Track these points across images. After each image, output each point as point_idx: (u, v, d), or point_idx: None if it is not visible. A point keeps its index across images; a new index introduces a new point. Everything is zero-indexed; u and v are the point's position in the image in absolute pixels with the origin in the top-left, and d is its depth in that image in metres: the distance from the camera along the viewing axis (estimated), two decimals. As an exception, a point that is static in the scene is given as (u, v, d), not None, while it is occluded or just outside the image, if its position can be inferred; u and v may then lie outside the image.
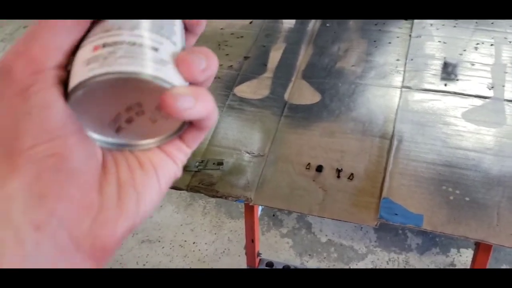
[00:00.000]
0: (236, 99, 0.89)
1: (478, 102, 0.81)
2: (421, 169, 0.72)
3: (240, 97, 0.90)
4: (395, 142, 0.77)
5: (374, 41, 0.95)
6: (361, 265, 1.50)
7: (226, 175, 0.78)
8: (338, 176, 0.75)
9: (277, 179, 0.76)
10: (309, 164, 0.77)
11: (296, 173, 0.76)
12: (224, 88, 0.92)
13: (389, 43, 0.94)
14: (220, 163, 0.79)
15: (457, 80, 0.85)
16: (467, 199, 0.68)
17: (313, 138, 0.81)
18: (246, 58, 0.97)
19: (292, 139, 0.81)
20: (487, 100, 0.81)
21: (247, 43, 1.00)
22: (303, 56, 0.95)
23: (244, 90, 0.91)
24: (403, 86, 0.86)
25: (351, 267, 1.50)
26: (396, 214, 0.68)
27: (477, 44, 0.91)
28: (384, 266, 1.49)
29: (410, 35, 0.95)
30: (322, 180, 0.75)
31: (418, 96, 0.83)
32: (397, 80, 0.87)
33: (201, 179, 0.78)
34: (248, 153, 0.81)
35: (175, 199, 1.66)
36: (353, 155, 0.77)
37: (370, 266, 1.50)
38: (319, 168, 0.76)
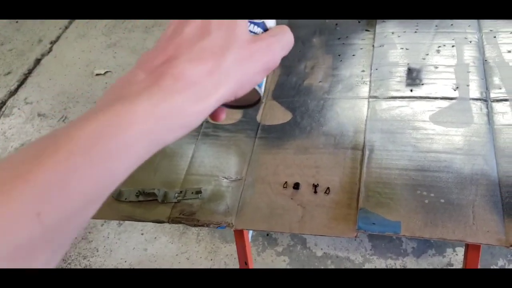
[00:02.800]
0: (210, 126, 0.91)
1: (445, 103, 0.83)
2: (394, 176, 0.74)
3: (213, 123, 0.91)
4: (366, 152, 0.78)
5: (339, 55, 0.97)
6: (359, 275, 1.49)
7: (205, 203, 0.79)
8: (315, 192, 0.76)
9: (256, 201, 0.77)
10: (286, 182, 0.78)
11: (274, 193, 0.77)
12: (197, 117, 0.93)
13: (353, 55, 0.96)
14: (199, 192, 0.80)
15: (422, 84, 0.87)
16: (442, 201, 0.69)
17: (288, 156, 0.82)
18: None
19: (267, 160, 0.82)
20: (453, 101, 0.83)
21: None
22: (271, 77, 0.97)
23: (217, 116, 0.92)
24: (370, 96, 0.87)
25: (350, 278, 1.49)
26: (373, 224, 0.69)
27: (439, 47, 0.93)
28: (382, 273, 1.48)
29: (373, 46, 0.97)
30: (300, 197, 0.76)
31: (385, 104, 0.85)
32: (364, 91, 0.89)
33: (182, 210, 0.79)
34: (226, 178, 0.81)
35: (168, 229, 1.66)
36: (327, 169, 0.78)
37: (368, 275, 1.49)
38: (296, 186, 0.77)
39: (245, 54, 0.32)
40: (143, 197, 0.81)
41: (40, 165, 0.24)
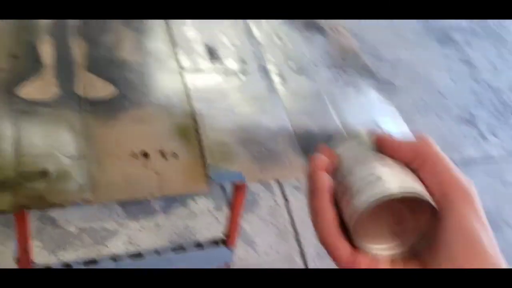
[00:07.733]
0: (22, 102, 0.81)
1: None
2: (228, 136, 0.88)
3: (24, 98, 0.82)
4: (198, 119, 0.89)
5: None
6: (116, 240, 1.57)
7: (53, 184, 0.73)
8: (164, 157, 0.82)
9: (110, 174, 0.77)
10: (133, 153, 0.81)
11: (125, 165, 0.79)
12: (4, 93, 0.81)
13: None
14: (44, 173, 0.73)
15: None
16: (266, 152, 0.89)
17: (126, 127, 0.84)
18: (15, 57, 0.87)
19: (106, 133, 0.82)
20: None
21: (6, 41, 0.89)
22: (79, 48, 0.93)
23: (29, 91, 0.83)
24: (181, 68, 0.97)
25: (108, 245, 1.55)
26: (222, 175, 0.82)
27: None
28: (138, 234, 1.60)
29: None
30: (152, 165, 0.81)
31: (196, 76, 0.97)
32: (173, 64, 0.98)
33: (27, 195, 0.71)
34: (66, 156, 0.77)
35: None
36: (164, 135, 0.85)
37: (125, 239, 1.58)
38: (145, 154, 0.81)
39: None
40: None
41: None
